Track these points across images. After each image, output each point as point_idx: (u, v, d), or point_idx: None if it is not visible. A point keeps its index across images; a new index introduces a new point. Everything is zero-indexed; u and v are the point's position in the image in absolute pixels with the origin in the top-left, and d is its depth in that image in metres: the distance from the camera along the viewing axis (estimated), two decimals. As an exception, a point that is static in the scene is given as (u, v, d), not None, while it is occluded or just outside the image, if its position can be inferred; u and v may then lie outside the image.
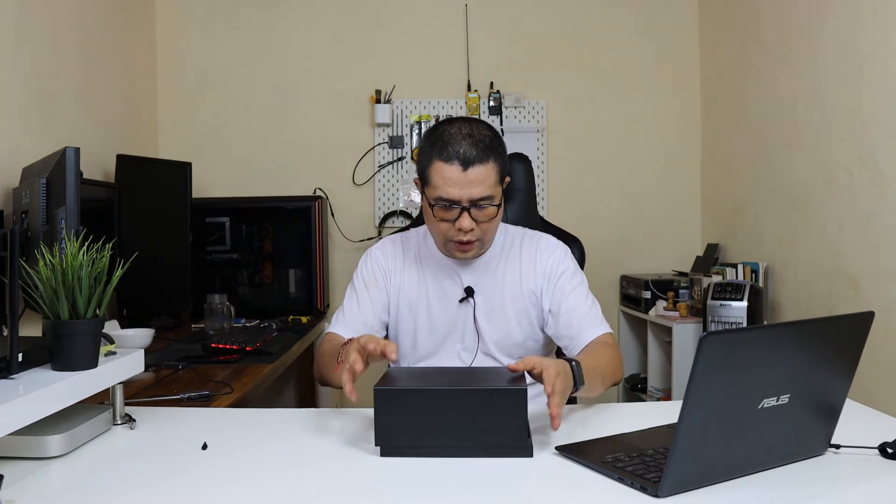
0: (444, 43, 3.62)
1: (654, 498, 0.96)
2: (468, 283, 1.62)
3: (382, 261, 1.68)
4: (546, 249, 1.65)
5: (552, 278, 1.62)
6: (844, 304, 2.60)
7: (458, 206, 1.48)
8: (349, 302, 1.66)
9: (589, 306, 1.60)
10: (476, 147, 1.47)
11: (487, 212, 1.50)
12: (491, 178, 1.48)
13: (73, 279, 1.17)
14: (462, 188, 1.46)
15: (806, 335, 1.05)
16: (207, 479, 1.08)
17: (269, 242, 3.26)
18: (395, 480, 1.08)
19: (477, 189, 1.47)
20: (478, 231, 1.51)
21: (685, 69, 3.73)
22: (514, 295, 1.62)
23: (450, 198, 1.48)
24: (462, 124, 1.51)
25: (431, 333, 1.64)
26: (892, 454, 1.11)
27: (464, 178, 1.46)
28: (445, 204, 1.49)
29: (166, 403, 1.56)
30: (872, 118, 2.44)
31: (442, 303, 1.63)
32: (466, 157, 1.46)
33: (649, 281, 3.38)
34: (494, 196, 1.49)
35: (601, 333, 1.57)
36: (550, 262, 1.63)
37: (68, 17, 2.58)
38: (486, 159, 1.47)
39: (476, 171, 1.46)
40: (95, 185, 2.46)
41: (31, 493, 1.03)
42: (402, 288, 1.65)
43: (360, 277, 1.68)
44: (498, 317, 1.62)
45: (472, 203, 1.48)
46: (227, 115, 3.58)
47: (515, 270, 1.63)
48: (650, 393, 3.44)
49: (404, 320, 1.66)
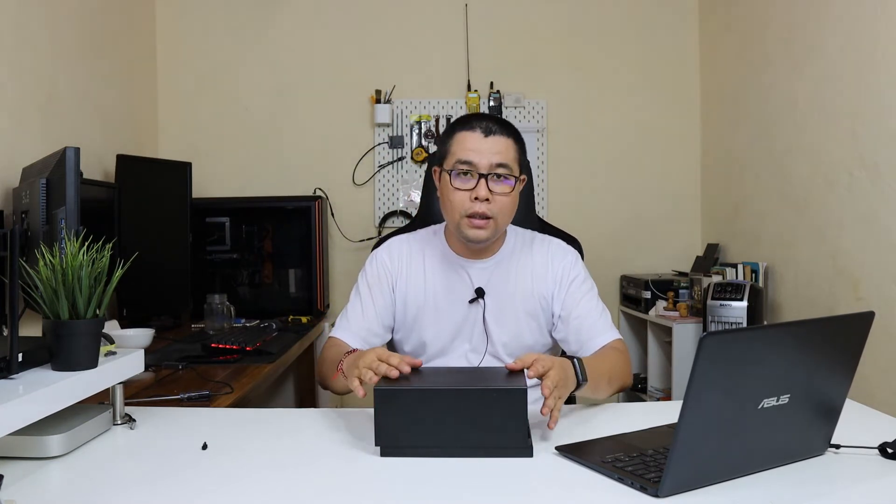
0: (444, 43, 3.62)
1: (654, 498, 0.96)
2: (478, 283, 1.61)
3: (388, 263, 1.66)
4: (558, 254, 1.65)
5: (563, 283, 1.62)
6: (844, 304, 2.60)
7: (477, 173, 1.49)
8: (353, 307, 1.65)
9: (599, 313, 1.60)
10: (497, 122, 1.52)
11: (505, 186, 1.50)
12: (511, 152, 1.51)
13: (73, 279, 1.17)
14: (482, 154, 1.48)
15: (806, 335, 1.05)
16: (207, 479, 1.09)
17: (269, 242, 3.26)
18: (395, 480, 1.09)
19: (497, 156, 1.48)
20: (493, 207, 1.50)
21: (685, 69, 3.73)
22: (525, 297, 1.62)
23: (468, 159, 1.49)
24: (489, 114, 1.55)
25: (439, 334, 1.62)
26: (892, 454, 1.11)
27: (485, 143, 1.49)
28: (464, 169, 1.49)
29: (166, 403, 1.56)
30: (872, 118, 2.44)
31: (451, 303, 1.62)
32: (489, 127, 1.50)
33: (649, 281, 3.38)
34: (513, 169, 1.50)
35: (611, 339, 1.57)
36: (562, 267, 1.63)
37: (68, 17, 2.58)
38: (507, 133, 1.52)
39: (497, 139, 1.50)
40: (95, 185, 2.46)
41: (31, 493, 1.03)
42: (410, 289, 1.64)
43: (365, 281, 1.67)
44: (507, 318, 1.61)
45: (491, 171, 1.48)
46: (227, 115, 3.58)
47: (527, 272, 1.63)
48: (650, 393, 3.44)
49: (412, 320, 1.64)
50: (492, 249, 1.63)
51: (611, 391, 1.48)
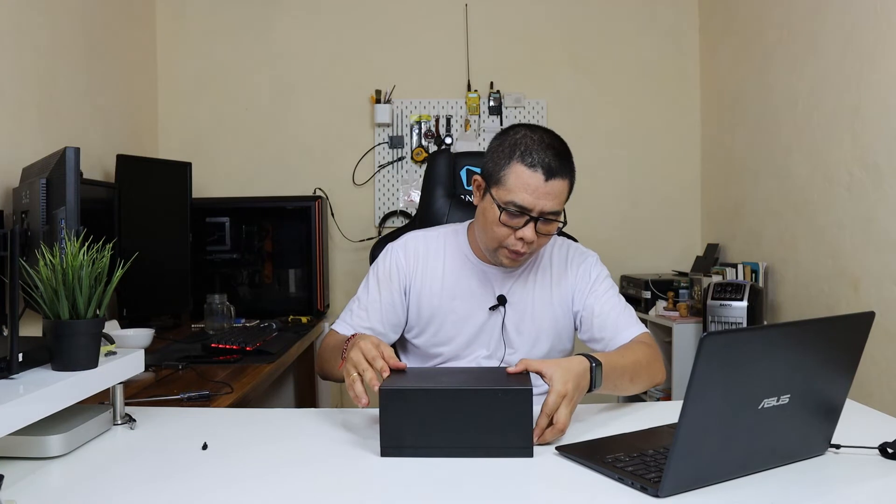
0: (444, 43, 3.62)
1: (654, 498, 0.96)
2: (500, 290, 1.59)
3: (403, 261, 1.63)
4: (577, 257, 1.65)
5: (584, 283, 1.61)
6: (844, 304, 2.60)
7: (528, 215, 1.44)
8: (358, 303, 1.63)
9: (622, 308, 1.60)
10: (559, 159, 1.45)
11: (552, 227, 1.48)
12: (564, 195, 1.48)
13: (73, 279, 1.17)
14: (538, 198, 1.43)
15: (806, 335, 1.05)
16: (207, 479, 1.08)
17: (269, 242, 3.26)
18: (395, 480, 1.08)
19: (551, 202, 1.44)
20: (534, 245, 1.48)
21: (685, 69, 3.73)
22: (545, 305, 1.60)
23: (523, 204, 1.43)
24: (544, 134, 1.49)
25: (456, 338, 1.60)
26: (892, 454, 1.11)
27: (543, 188, 1.43)
28: (516, 210, 1.44)
29: (166, 403, 1.56)
30: (872, 118, 2.44)
31: (470, 308, 1.59)
32: (550, 168, 1.43)
33: (649, 281, 3.38)
34: (562, 212, 1.49)
35: (638, 333, 1.56)
36: (582, 268, 1.63)
37: (68, 17, 2.58)
38: (566, 174, 1.47)
39: (555, 183, 1.44)
40: (95, 185, 2.46)
41: (31, 493, 1.03)
42: (425, 289, 1.61)
43: (376, 276, 1.63)
44: (527, 327, 1.60)
45: (542, 215, 1.45)
46: (227, 115, 3.58)
47: (547, 279, 1.62)
48: (650, 393, 3.44)
49: (426, 322, 1.61)
50: None
51: (637, 388, 1.46)
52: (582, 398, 1.28)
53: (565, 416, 1.20)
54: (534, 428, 1.17)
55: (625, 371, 1.41)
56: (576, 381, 1.24)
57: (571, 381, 1.23)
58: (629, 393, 1.44)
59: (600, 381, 1.31)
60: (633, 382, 1.44)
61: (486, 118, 3.61)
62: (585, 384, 1.28)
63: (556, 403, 1.20)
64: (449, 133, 3.59)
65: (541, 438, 1.18)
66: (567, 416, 1.20)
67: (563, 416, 1.20)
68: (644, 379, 1.47)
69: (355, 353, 1.26)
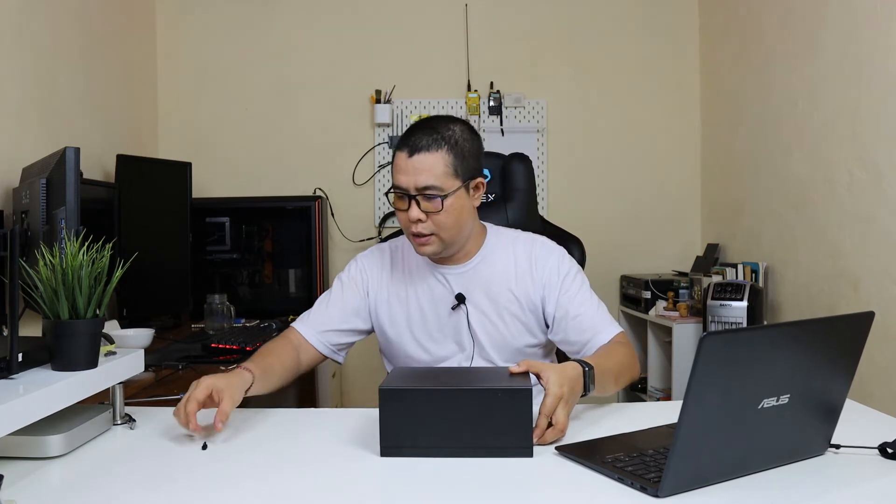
0: (444, 43, 3.62)
1: (654, 498, 0.96)
2: (458, 289, 1.59)
3: (368, 270, 1.65)
4: (542, 255, 1.60)
5: (553, 285, 1.58)
6: (844, 304, 2.60)
7: (406, 195, 1.47)
8: (320, 302, 1.64)
9: (596, 308, 1.57)
10: (429, 136, 1.47)
11: (434, 203, 1.46)
12: (438, 168, 1.45)
13: (73, 279, 1.17)
14: (408, 175, 1.46)
15: (806, 335, 1.05)
16: (207, 480, 1.09)
17: (269, 242, 3.26)
18: (395, 480, 1.09)
19: (422, 177, 1.45)
20: (429, 224, 1.48)
21: (685, 69, 3.73)
22: (510, 300, 1.59)
23: (398, 185, 1.48)
24: (433, 118, 1.53)
25: (426, 341, 1.61)
26: (892, 454, 1.11)
27: (409, 164, 1.46)
28: (396, 192, 1.49)
29: (166, 403, 1.56)
30: (872, 118, 2.44)
31: (434, 310, 1.60)
32: (414, 145, 1.46)
33: (649, 281, 3.38)
34: (443, 188, 1.46)
35: (614, 335, 1.55)
36: (549, 269, 1.59)
37: (68, 17, 2.58)
38: (435, 149, 1.46)
39: (421, 157, 1.45)
40: (95, 185, 2.46)
41: (31, 493, 1.03)
42: (391, 297, 1.62)
43: (340, 280, 1.66)
44: (494, 322, 1.59)
45: (419, 192, 1.46)
46: (227, 115, 3.58)
47: (510, 274, 1.59)
48: (650, 393, 3.44)
49: (398, 329, 1.62)
50: (467, 253, 1.60)
51: (617, 388, 1.47)
52: (576, 402, 1.30)
53: (563, 416, 1.21)
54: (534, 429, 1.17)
55: (611, 373, 1.42)
56: (571, 385, 1.25)
57: (567, 385, 1.24)
58: (609, 393, 1.45)
59: (593, 387, 1.32)
60: (616, 384, 1.45)
61: (486, 118, 3.61)
62: (579, 389, 1.29)
63: (554, 405, 1.20)
64: (449, 133, 3.59)
65: (541, 439, 1.18)
66: (565, 416, 1.21)
67: (562, 417, 1.20)
68: (625, 378, 1.48)
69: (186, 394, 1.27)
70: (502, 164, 2.09)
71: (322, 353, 1.61)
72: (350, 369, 3.54)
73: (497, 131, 3.61)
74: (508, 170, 2.07)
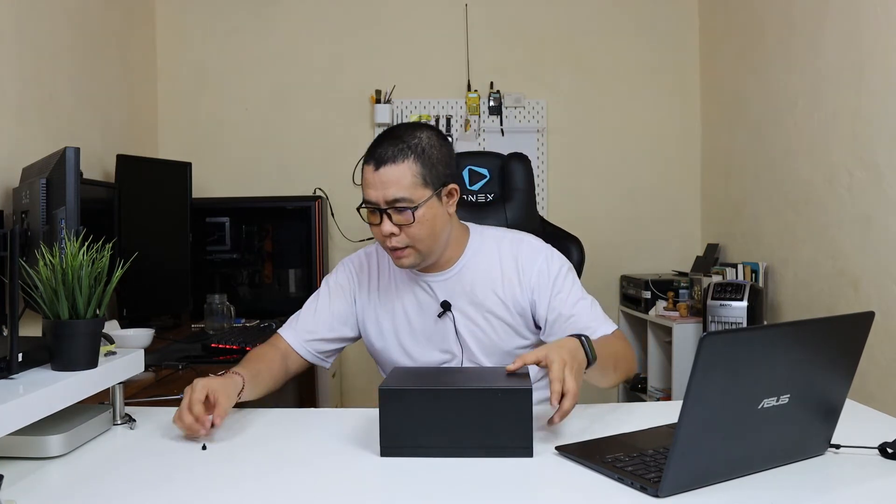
0: (444, 43, 3.62)
1: (654, 498, 0.96)
2: (443, 296, 1.55)
3: (355, 276, 1.63)
4: (529, 257, 1.56)
5: (542, 288, 1.54)
6: (844, 304, 2.60)
7: (377, 209, 1.43)
8: (306, 308, 1.62)
9: (589, 307, 1.54)
10: (394, 146, 1.43)
11: (405, 216, 1.42)
12: (406, 179, 1.41)
13: (73, 279, 1.17)
14: (376, 189, 1.42)
15: (806, 335, 1.05)
16: (207, 479, 1.09)
17: (269, 242, 3.26)
18: (395, 480, 1.09)
19: (390, 190, 1.41)
20: (403, 237, 1.44)
21: (685, 69, 3.73)
22: (496, 304, 1.55)
23: (368, 199, 1.44)
24: (398, 126, 1.49)
25: (414, 351, 1.58)
26: (892, 454, 1.11)
27: (376, 178, 1.42)
28: (366, 207, 1.45)
29: (166, 403, 1.56)
30: (872, 118, 2.44)
31: (421, 318, 1.57)
32: (380, 157, 1.42)
33: (649, 281, 3.38)
34: (412, 199, 1.41)
35: (610, 332, 1.53)
36: (536, 271, 1.54)
37: (68, 17, 2.58)
38: (401, 159, 1.41)
39: (388, 170, 1.41)
40: (95, 185, 2.46)
41: (31, 493, 1.03)
42: (378, 306, 1.60)
43: (328, 285, 1.64)
44: (481, 327, 1.56)
45: (389, 205, 1.42)
46: (227, 115, 3.57)
47: (495, 278, 1.55)
48: (650, 393, 3.44)
49: (385, 339, 1.60)
50: (449, 260, 1.56)
51: (617, 378, 1.45)
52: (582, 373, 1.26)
53: (572, 380, 1.19)
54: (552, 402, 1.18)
55: (610, 357, 1.39)
56: (570, 352, 1.24)
57: (566, 352, 1.23)
58: (610, 382, 1.43)
59: (594, 354, 1.29)
60: (616, 371, 1.43)
61: (486, 118, 3.61)
62: (581, 356, 1.27)
63: (560, 369, 1.19)
64: (449, 133, 3.59)
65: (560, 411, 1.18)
66: (574, 381, 1.20)
67: (571, 381, 1.19)
68: (623, 369, 1.46)
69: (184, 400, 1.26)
70: (502, 164, 2.09)
71: (308, 361, 1.61)
72: (350, 369, 3.54)
73: (497, 131, 3.61)
74: (508, 170, 2.07)
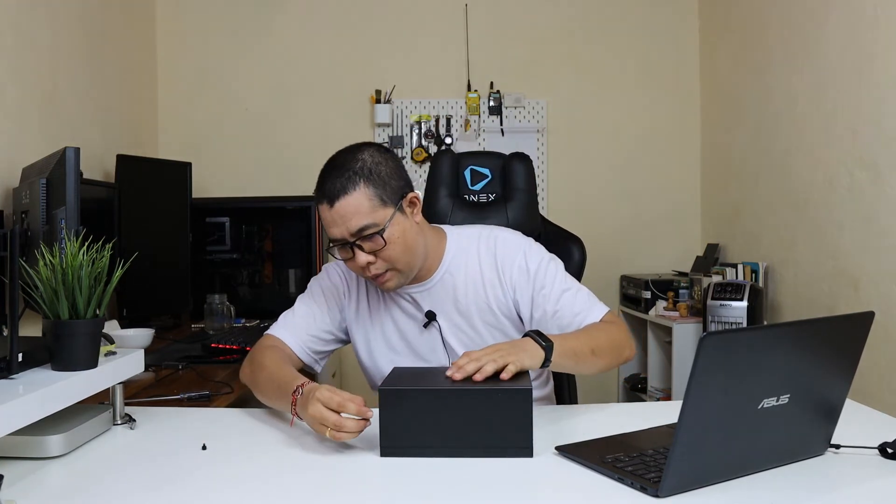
0: (444, 43, 3.62)
1: (654, 498, 0.96)
2: (427, 306, 1.52)
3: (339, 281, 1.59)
4: (508, 255, 1.52)
5: (523, 285, 1.50)
6: (844, 304, 2.60)
7: (346, 244, 1.39)
8: (300, 307, 1.58)
9: (575, 294, 1.50)
10: (341, 177, 1.37)
11: (376, 241, 1.37)
12: (363, 206, 1.36)
13: (73, 279, 1.17)
14: (338, 225, 1.37)
15: (806, 335, 1.05)
16: (207, 480, 1.09)
17: (269, 242, 3.26)
18: (394, 480, 1.09)
19: (352, 221, 1.36)
20: (380, 263, 1.40)
21: (685, 69, 3.73)
22: (480, 309, 1.52)
23: (333, 238, 1.40)
24: (338, 154, 1.43)
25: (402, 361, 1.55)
26: (892, 454, 1.11)
27: (334, 214, 1.37)
28: (335, 245, 1.41)
29: (166, 403, 1.56)
30: (872, 118, 2.44)
31: (408, 329, 1.55)
32: (330, 192, 1.37)
33: (649, 281, 3.38)
34: (377, 223, 1.37)
35: (602, 315, 1.49)
36: (515, 268, 1.51)
37: (68, 17, 2.58)
38: (351, 188, 1.36)
39: (343, 203, 1.36)
40: (95, 185, 2.46)
41: (31, 493, 1.03)
42: (365, 318, 1.57)
43: (319, 285, 1.60)
44: (468, 334, 1.53)
45: (355, 237, 1.37)
46: (227, 115, 3.58)
47: (477, 282, 1.52)
48: (650, 393, 3.44)
49: (373, 351, 1.57)
50: (429, 269, 1.52)
51: (602, 363, 1.41)
52: (527, 359, 1.25)
53: (485, 356, 1.21)
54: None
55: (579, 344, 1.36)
56: (512, 344, 1.26)
57: (505, 345, 1.26)
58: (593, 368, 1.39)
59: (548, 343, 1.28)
60: (596, 356, 1.39)
61: (486, 118, 3.61)
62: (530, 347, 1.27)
63: (481, 353, 1.22)
64: (449, 133, 3.60)
65: (456, 363, 1.20)
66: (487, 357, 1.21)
67: (482, 356, 1.22)
68: (608, 352, 1.41)
69: (314, 408, 1.18)
70: (503, 164, 2.08)
71: (304, 362, 1.57)
72: (350, 369, 3.54)
73: (497, 131, 3.61)
74: (509, 169, 2.06)
